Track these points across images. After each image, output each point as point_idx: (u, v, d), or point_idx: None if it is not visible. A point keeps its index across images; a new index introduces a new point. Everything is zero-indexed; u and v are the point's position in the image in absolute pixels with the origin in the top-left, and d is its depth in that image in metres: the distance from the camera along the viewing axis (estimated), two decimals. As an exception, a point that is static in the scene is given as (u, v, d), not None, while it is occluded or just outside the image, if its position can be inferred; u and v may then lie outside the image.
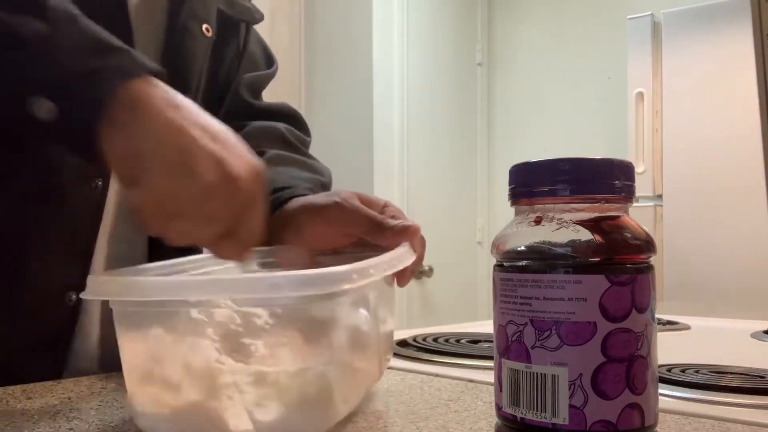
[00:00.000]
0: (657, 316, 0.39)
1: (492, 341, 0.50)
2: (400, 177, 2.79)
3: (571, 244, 0.37)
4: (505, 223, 0.41)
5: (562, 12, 3.10)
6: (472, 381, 0.58)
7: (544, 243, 0.38)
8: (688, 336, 0.91)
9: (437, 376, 0.60)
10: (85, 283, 0.42)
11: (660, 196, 2.52)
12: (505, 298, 0.39)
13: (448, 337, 0.78)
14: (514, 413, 0.39)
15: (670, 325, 0.98)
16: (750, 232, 2.27)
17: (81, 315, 0.63)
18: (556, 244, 0.37)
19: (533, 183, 0.39)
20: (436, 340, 0.77)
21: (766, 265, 2.24)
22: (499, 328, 0.40)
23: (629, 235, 0.38)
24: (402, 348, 0.73)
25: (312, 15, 2.77)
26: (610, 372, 0.36)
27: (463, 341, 0.77)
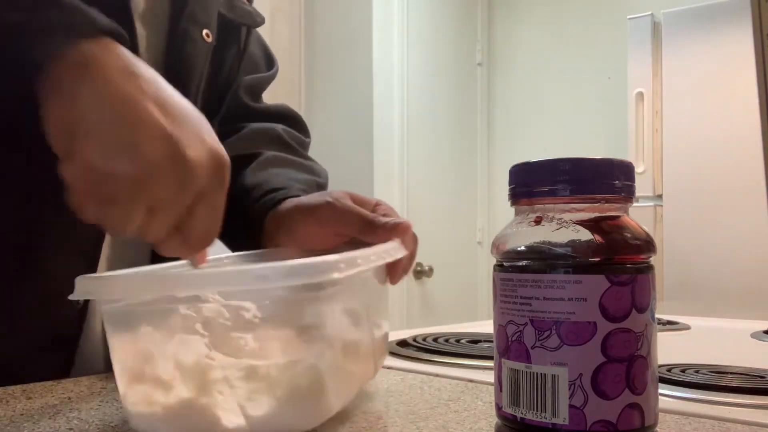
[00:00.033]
0: (657, 316, 0.39)
1: (492, 341, 0.50)
2: (400, 177, 2.79)
3: (571, 244, 0.37)
4: (505, 223, 0.41)
5: (562, 12, 3.10)
6: (472, 381, 0.58)
7: (544, 243, 0.38)
8: (688, 336, 0.91)
9: (437, 376, 0.60)
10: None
11: (660, 196, 2.52)
12: (505, 298, 0.39)
13: (448, 337, 0.78)
14: (514, 413, 0.39)
15: (670, 325, 0.98)
16: (750, 232, 2.28)
17: (88, 315, 0.63)
18: (556, 244, 0.37)
19: (533, 183, 0.39)
20: (436, 340, 0.77)
21: (766, 265, 2.24)
22: (499, 328, 0.40)
23: (629, 235, 0.38)
24: (402, 348, 0.73)
25: (312, 15, 2.77)
26: (610, 372, 0.36)
27: (463, 341, 0.76)
